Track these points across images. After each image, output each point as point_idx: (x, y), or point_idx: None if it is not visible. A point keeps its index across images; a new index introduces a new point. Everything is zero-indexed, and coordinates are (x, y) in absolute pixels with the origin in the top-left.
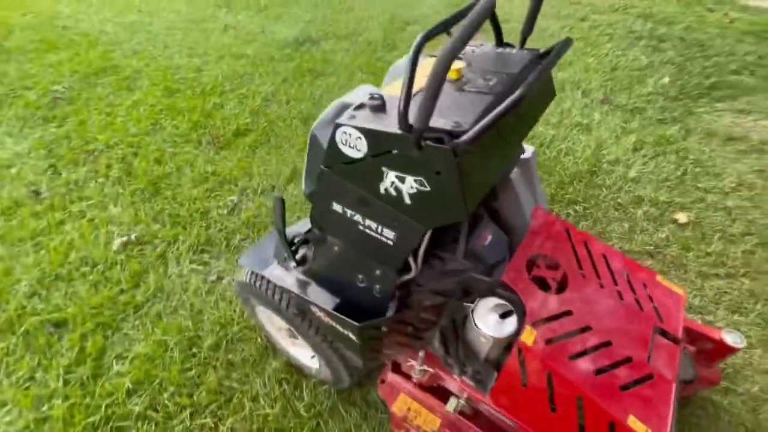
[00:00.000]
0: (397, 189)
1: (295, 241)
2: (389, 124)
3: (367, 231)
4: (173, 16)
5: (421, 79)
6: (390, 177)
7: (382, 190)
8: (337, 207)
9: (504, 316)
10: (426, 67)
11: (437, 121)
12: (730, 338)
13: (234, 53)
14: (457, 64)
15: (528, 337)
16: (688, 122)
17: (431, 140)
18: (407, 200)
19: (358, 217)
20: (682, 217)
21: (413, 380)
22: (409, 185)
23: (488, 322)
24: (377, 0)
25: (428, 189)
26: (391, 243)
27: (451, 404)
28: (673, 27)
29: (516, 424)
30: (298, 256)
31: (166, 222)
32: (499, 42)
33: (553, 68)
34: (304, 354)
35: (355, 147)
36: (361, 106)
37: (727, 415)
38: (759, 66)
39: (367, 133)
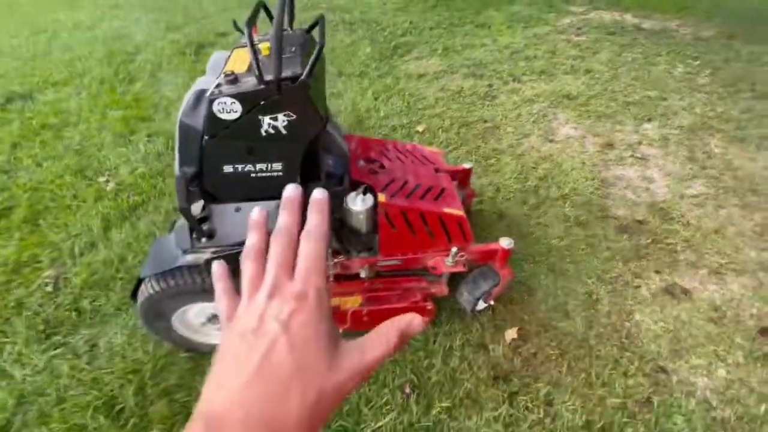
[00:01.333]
0: (274, 127)
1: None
2: (250, 86)
3: (260, 175)
4: None
5: (234, 63)
6: (266, 121)
7: (263, 133)
8: (228, 168)
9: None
10: (238, 55)
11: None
12: (468, 165)
13: None
14: (266, 45)
15: (382, 199)
16: (394, 72)
17: (285, 85)
18: (283, 131)
19: (249, 167)
20: (420, 128)
21: (329, 280)
22: (281, 121)
23: (357, 204)
24: (71, 43)
25: (295, 117)
26: (281, 174)
27: (363, 272)
28: (353, 13)
29: (402, 260)
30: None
31: None
32: (291, 25)
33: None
34: None
35: (231, 110)
36: (219, 85)
37: (484, 213)
38: (413, 29)
39: (240, 96)
